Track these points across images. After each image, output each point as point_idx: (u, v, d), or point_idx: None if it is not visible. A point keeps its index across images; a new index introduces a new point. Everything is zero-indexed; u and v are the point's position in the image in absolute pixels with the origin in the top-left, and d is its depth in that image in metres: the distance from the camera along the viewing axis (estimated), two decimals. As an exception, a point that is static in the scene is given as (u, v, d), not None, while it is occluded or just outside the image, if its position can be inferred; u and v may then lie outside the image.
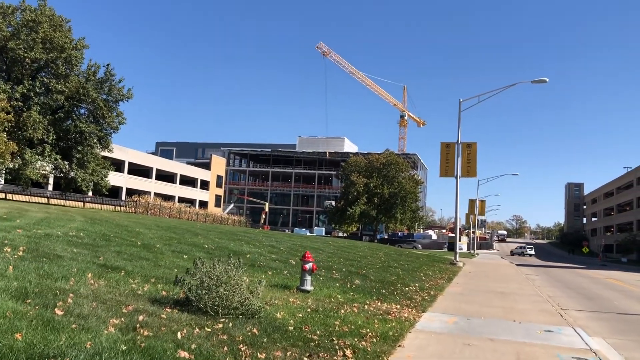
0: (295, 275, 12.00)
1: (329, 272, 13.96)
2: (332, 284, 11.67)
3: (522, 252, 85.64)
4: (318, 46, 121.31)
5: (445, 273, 20.71)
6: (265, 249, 17.86)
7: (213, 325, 6.08)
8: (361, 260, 19.75)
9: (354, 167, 65.68)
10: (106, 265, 9.16)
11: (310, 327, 6.88)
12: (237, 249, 15.95)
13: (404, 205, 62.90)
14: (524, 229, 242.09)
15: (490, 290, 15.81)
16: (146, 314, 5.96)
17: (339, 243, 29.99)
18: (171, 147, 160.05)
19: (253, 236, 23.69)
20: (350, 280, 12.87)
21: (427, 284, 15.16)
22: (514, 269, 29.85)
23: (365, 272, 15.25)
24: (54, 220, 15.90)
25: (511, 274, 24.84)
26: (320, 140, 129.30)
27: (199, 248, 14.91)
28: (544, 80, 26.07)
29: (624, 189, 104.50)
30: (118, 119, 40.68)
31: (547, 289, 18.56)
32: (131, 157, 73.68)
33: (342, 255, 20.24)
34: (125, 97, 38.99)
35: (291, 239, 27.35)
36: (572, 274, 29.81)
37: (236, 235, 22.05)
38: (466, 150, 26.66)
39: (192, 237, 17.70)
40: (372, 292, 11.55)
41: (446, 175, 27.55)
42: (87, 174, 38.32)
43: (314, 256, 18.70)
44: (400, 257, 26.41)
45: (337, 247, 25.05)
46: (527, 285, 18.98)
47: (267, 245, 19.34)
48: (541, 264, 44.79)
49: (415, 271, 19.01)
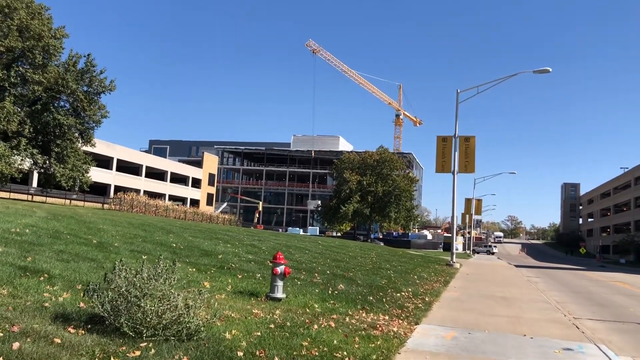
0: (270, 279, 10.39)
1: (311, 275, 12.32)
2: (311, 290, 10.04)
3: (488, 251, 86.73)
4: (307, 44, 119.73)
5: (441, 275, 19.11)
6: (244, 248, 16.20)
7: (128, 352, 4.45)
8: (350, 261, 18.13)
9: (347, 164, 63.62)
10: (28, 267, 7.48)
11: (267, 351, 5.26)
12: (211, 249, 14.29)
13: (398, 204, 61.01)
14: (519, 230, 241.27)
15: (491, 295, 14.23)
16: (32, 339, 4.32)
17: (329, 243, 28.35)
18: (165, 145, 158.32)
19: (234, 235, 22.02)
20: (333, 284, 11.24)
21: (421, 289, 13.55)
22: (513, 271, 28.30)
23: (353, 275, 13.62)
24: (4, 215, 14.18)
25: (511, 276, 23.29)
26: (315, 139, 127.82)
27: (165, 247, 13.25)
28: (546, 70, 24.50)
29: (621, 190, 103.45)
30: (101, 112, 38.90)
31: (553, 293, 17.00)
32: (120, 154, 71.73)
33: (329, 256, 18.61)
34: (107, 89, 37.16)
35: (277, 238, 25.69)
36: (574, 276, 28.31)
37: (215, 234, 20.37)
38: (464, 144, 25.02)
39: (162, 236, 16.02)
40: (357, 299, 9.92)
41: (442, 170, 25.87)
42: (67, 169, 36.46)
43: (298, 257, 17.08)
44: (393, 257, 24.80)
45: (326, 247, 23.42)
46: (530, 289, 17.41)
47: (247, 245, 17.68)
48: (540, 265, 43.33)
49: (409, 273, 17.40)
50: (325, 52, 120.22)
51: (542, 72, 24.58)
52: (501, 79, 25.11)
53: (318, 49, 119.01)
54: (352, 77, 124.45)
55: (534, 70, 24.94)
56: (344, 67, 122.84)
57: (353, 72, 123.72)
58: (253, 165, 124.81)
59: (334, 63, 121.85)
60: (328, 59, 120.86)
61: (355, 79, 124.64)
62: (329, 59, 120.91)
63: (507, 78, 25.37)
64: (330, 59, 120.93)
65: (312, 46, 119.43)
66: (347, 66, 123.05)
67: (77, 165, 37.41)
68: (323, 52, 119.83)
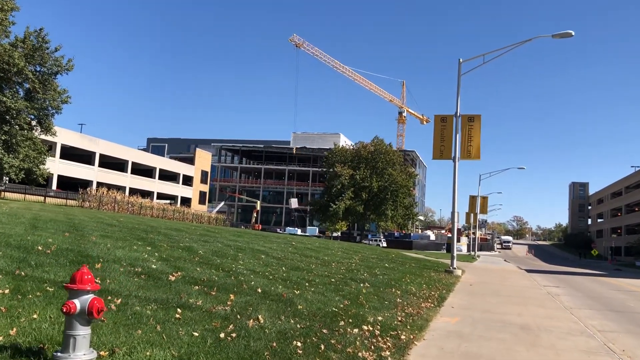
0: (143, 305, 6.03)
1: (226, 295, 7.88)
2: (188, 330, 5.63)
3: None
4: (291, 38, 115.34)
5: (436, 287, 14.64)
6: (163, 253, 11.81)
7: None
8: (315, 269, 13.69)
9: (339, 156, 57.57)
10: None
11: None
12: (98, 254, 9.91)
13: (395, 201, 55.30)
14: (524, 230, 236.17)
15: (506, 322, 9.79)
16: None
17: (307, 244, 23.91)
18: (163, 143, 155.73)
19: (175, 235, 17.63)
20: (248, 314, 6.83)
21: (400, 314, 9.09)
22: (526, 278, 23.76)
23: (300, 294, 9.18)
24: None
25: (525, 287, 18.79)
26: (315, 137, 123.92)
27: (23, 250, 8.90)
28: (568, 34, 20.02)
29: (633, 189, 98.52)
30: (61, 97, 34.68)
31: (585, 313, 12.55)
32: (103, 148, 67.57)
33: (289, 263, 14.20)
34: (64, 68, 32.89)
35: (240, 237, 21.29)
36: (599, 285, 23.78)
37: (147, 233, 16.02)
38: (467, 124, 20.48)
39: (50, 235, 11.69)
40: (267, 349, 5.51)
41: (441, 157, 21.27)
42: (18, 159, 32.26)
43: (241, 264, 12.41)
44: (380, 262, 20.33)
45: (297, 250, 19.01)
46: (555, 308, 12.94)
47: (179, 248, 13.31)
48: (553, 270, 38.75)
49: (392, 286, 12.93)
50: (313, 48, 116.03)
51: (562, 36, 20.06)
52: (514, 45, 20.58)
53: (301, 42, 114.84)
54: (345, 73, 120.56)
55: (553, 35, 20.43)
56: (335, 62, 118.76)
57: (346, 67, 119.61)
58: (252, 164, 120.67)
59: (322, 58, 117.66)
60: (315, 54, 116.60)
61: (350, 76, 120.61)
62: (317, 53, 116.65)
63: (520, 44, 20.82)
64: (318, 53, 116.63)
65: (295, 40, 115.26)
66: (338, 62, 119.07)
67: (30, 156, 33.20)
68: (307, 45, 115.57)
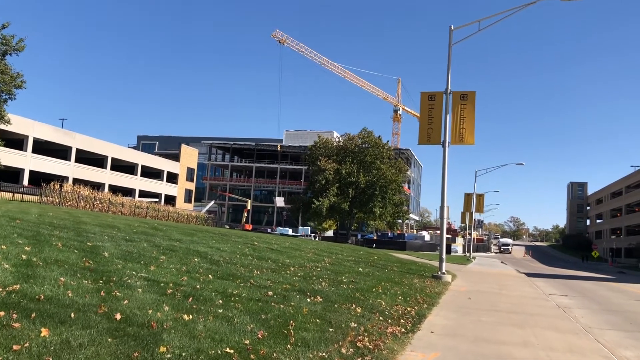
0: None
1: (42, 325, 4.69)
2: None
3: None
4: (274, 34, 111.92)
5: (415, 300, 11.42)
6: (39, 255, 8.60)
7: None
8: (255, 277, 10.44)
9: (323, 149, 53.18)
10: None
11: None
12: None
13: (384, 197, 50.97)
14: (521, 231, 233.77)
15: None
16: None
17: (275, 244, 20.66)
18: (153, 141, 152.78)
19: (100, 232, 14.39)
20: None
21: (343, 352, 5.88)
22: (528, 285, 20.57)
23: (190, 320, 5.96)
24: None
25: (529, 298, 15.61)
26: (308, 134, 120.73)
27: None
28: (579, -5, 16.90)
29: (633, 188, 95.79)
30: (14, 82, 31.36)
31: (614, 337, 9.37)
32: (80, 143, 64.20)
33: (225, 269, 10.97)
34: (13, 48, 29.55)
35: (191, 237, 18.04)
36: (611, 292, 20.60)
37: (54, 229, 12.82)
38: (459, 103, 17.22)
39: None
40: None
41: (429, 141, 17.90)
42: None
43: (155, 268, 8.95)
44: (356, 265, 17.12)
45: (255, 252, 15.78)
46: (571, 330, 9.77)
47: (75, 249, 10.10)
48: (555, 274, 35.60)
49: (353, 300, 9.64)
50: (297, 44, 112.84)
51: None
52: (515, 9, 17.41)
53: (285, 38, 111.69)
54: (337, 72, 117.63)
55: (561, -2, 17.33)
56: (322, 59, 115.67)
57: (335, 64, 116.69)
58: (243, 162, 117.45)
59: (309, 55, 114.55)
60: (301, 50, 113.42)
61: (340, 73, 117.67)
62: (302, 50, 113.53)
63: (521, 8, 17.62)
64: (303, 50, 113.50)
65: (277, 36, 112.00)
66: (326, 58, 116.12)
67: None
68: (294, 43, 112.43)
